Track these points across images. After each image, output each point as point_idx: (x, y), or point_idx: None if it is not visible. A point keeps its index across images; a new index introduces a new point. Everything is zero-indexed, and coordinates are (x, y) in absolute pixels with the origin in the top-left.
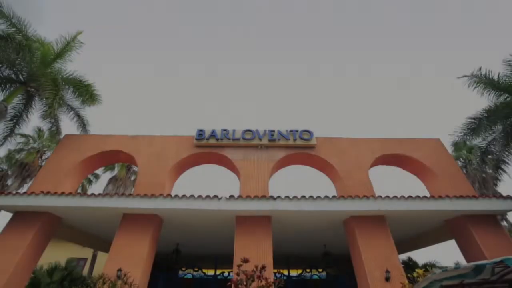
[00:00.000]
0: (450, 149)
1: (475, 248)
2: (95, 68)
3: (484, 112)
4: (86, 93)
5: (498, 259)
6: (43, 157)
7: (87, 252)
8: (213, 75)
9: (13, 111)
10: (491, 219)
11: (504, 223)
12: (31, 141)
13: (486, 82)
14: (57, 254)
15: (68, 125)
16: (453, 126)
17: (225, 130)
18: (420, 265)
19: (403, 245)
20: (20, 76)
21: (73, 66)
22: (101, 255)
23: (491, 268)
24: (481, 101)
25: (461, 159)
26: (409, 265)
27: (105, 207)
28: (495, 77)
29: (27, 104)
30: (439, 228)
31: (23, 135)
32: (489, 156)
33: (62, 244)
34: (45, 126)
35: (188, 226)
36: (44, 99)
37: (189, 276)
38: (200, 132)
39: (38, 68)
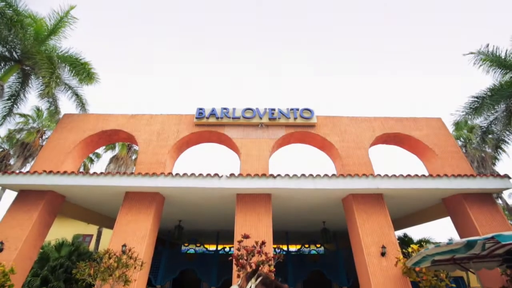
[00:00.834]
0: (451, 129)
1: (469, 225)
2: (92, 46)
3: (488, 91)
4: (83, 71)
5: (490, 235)
6: (44, 137)
7: (92, 229)
8: (213, 53)
9: (10, 90)
10: (487, 197)
11: (499, 201)
12: (30, 120)
13: (492, 59)
14: (63, 231)
15: (67, 105)
16: (456, 106)
17: (225, 108)
18: (415, 241)
19: (400, 221)
20: (14, 54)
21: (68, 42)
22: (106, 232)
23: (482, 243)
24: (485, 81)
25: (461, 139)
26: (405, 241)
27: (107, 186)
28: (502, 55)
29: (23, 83)
30: (435, 206)
31: (22, 115)
32: (490, 136)
33: (68, 221)
34: (43, 105)
35: (189, 204)
36: (41, 77)
37: (192, 251)
38: (200, 111)
39: (32, 45)
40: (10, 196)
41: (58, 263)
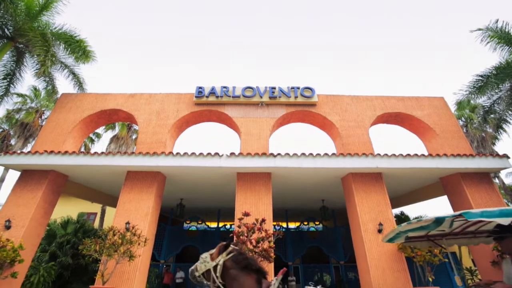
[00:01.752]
0: (453, 108)
1: (466, 204)
2: (88, 24)
3: (494, 70)
4: (79, 49)
5: (457, 212)
6: (43, 117)
7: (96, 207)
8: (213, 31)
9: (5, 69)
10: (485, 177)
11: (496, 181)
12: (28, 100)
13: (501, 36)
14: (68, 209)
15: (64, 84)
16: (460, 85)
17: (225, 87)
18: (411, 218)
19: (397, 200)
20: (6, 31)
21: (61, 19)
22: (109, 210)
23: (450, 220)
24: (490, 60)
25: (463, 118)
26: (401, 219)
27: (109, 165)
28: None
29: (18, 61)
30: (433, 184)
31: (19, 95)
32: (492, 115)
33: (72, 200)
34: (40, 85)
35: (190, 183)
36: (36, 56)
37: (193, 228)
38: (200, 90)
39: (24, 21)
40: (13, 176)
41: (65, 239)
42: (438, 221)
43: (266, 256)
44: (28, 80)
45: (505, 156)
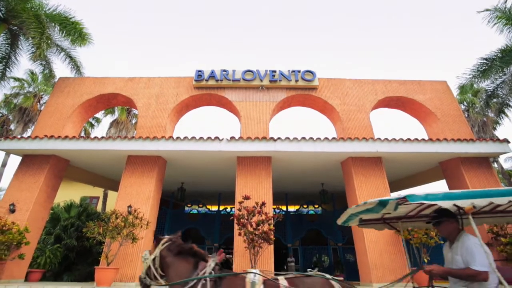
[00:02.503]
0: (455, 92)
1: (463, 188)
2: (85, 7)
3: (499, 52)
4: (74, 31)
5: (402, 195)
6: (41, 102)
7: (98, 191)
8: (213, 14)
9: (0, 53)
10: (484, 162)
11: (495, 165)
12: (26, 85)
13: (509, 17)
14: (71, 193)
15: (61, 68)
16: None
17: (224, 70)
18: None
19: (396, 184)
20: None
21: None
22: (111, 194)
23: (395, 203)
24: (496, 43)
25: (465, 103)
26: None
27: (109, 150)
28: None
29: (13, 44)
30: (432, 169)
31: (16, 79)
32: (494, 100)
33: (75, 184)
34: (37, 69)
35: (191, 167)
36: (30, 38)
37: (194, 211)
38: (199, 73)
39: (16, 2)
40: (15, 161)
41: (69, 222)
42: (382, 203)
43: (266, 238)
44: (24, 64)
45: (506, 140)
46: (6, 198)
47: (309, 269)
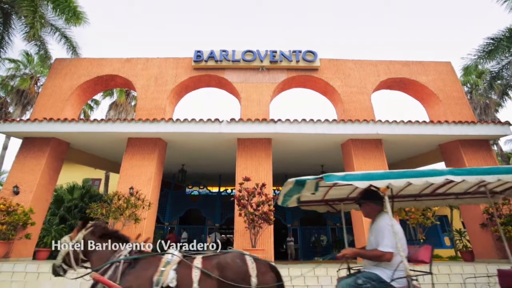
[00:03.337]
0: (459, 74)
1: None
2: None
3: (507, 32)
4: (68, 10)
5: (320, 176)
6: (38, 84)
7: (100, 173)
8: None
9: None
10: (484, 144)
11: (494, 148)
12: (21, 66)
13: None
14: (73, 175)
15: (57, 49)
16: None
17: (224, 51)
18: None
19: (395, 166)
20: None
21: None
22: (113, 176)
23: (314, 183)
24: (505, 22)
25: (468, 85)
26: None
27: (109, 132)
28: None
29: (5, 24)
30: (431, 151)
31: (11, 60)
32: (498, 81)
33: (77, 167)
34: (32, 49)
35: (191, 148)
36: (23, 17)
37: (196, 193)
38: (198, 54)
39: None
40: (15, 143)
41: (72, 204)
42: (299, 182)
43: (266, 218)
44: (18, 45)
45: (507, 123)
46: (9, 181)
47: (229, 247)
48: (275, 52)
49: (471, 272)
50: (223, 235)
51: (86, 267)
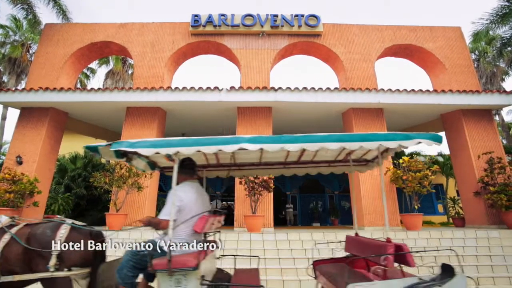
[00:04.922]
0: (468, 40)
1: (462, 139)
2: None
3: None
4: None
5: (109, 143)
6: (30, 51)
7: (101, 143)
8: None
9: None
10: (486, 114)
11: (496, 118)
12: (11, 32)
13: None
14: (74, 145)
15: (46, 13)
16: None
17: (223, 15)
18: (406, 153)
19: None
20: None
21: None
22: None
23: (106, 150)
24: None
25: (477, 52)
26: (397, 153)
27: (108, 101)
28: None
29: None
30: (433, 121)
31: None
32: (509, 48)
33: (77, 136)
34: (19, 13)
35: (191, 117)
36: None
37: None
38: (196, 18)
39: None
40: (15, 114)
41: (76, 173)
42: (90, 148)
43: (266, 186)
44: (5, 9)
45: None
46: (11, 151)
47: (58, 216)
48: (276, 16)
49: (461, 237)
50: (224, 202)
51: None
